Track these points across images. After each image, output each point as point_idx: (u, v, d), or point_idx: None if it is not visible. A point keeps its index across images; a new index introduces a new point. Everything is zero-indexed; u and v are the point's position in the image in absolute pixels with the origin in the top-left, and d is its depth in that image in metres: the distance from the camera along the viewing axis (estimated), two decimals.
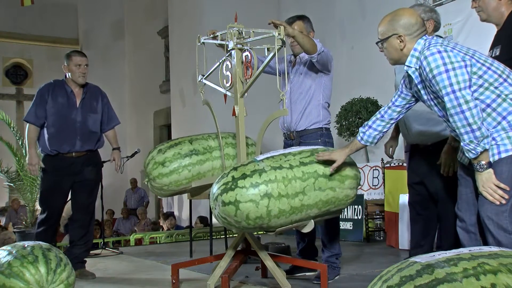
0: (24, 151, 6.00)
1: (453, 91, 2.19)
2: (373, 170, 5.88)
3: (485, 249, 1.68)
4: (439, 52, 2.26)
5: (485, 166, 2.24)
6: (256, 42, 3.06)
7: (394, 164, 5.25)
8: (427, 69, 2.27)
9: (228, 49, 3.14)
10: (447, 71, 2.22)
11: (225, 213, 2.65)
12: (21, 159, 6.17)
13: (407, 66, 2.44)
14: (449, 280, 1.47)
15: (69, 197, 4.05)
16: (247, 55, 3.03)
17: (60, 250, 2.89)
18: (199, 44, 3.42)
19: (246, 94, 3.15)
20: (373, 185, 5.87)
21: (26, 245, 2.72)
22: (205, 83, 3.41)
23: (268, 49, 2.91)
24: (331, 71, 3.53)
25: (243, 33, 3.08)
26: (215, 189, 2.72)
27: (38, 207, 5.85)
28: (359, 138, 2.73)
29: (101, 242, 5.64)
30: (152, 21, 13.11)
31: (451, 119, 2.24)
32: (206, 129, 7.40)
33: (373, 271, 3.61)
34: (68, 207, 4.08)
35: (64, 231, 7.96)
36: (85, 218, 4.00)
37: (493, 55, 2.78)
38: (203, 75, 3.42)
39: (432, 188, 3.30)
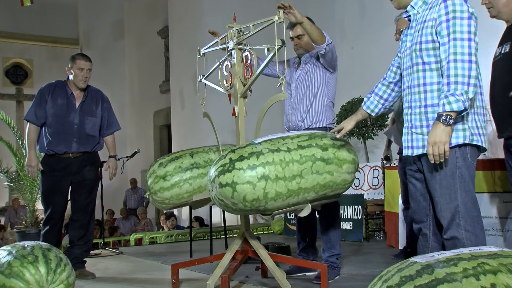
0: (24, 151, 6.00)
1: (469, 39, 2.26)
2: (373, 170, 5.87)
3: (485, 249, 1.68)
4: (466, 1, 2.32)
5: (451, 122, 2.25)
6: (256, 42, 3.06)
7: (394, 164, 5.24)
8: (450, 9, 2.30)
9: (228, 49, 3.14)
10: (469, 18, 2.29)
11: (222, 195, 2.65)
12: (21, 159, 6.16)
13: (411, 6, 2.49)
14: (449, 280, 1.47)
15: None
16: (247, 55, 3.03)
17: (60, 250, 2.89)
18: (199, 56, 3.43)
19: (250, 94, 3.14)
20: (373, 185, 5.87)
21: (26, 245, 2.72)
22: (206, 85, 3.41)
23: (268, 49, 2.91)
24: (336, 69, 3.52)
25: (242, 31, 3.08)
26: (212, 171, 2.72)
27: (38, 207, 5.86)
28: (362, 104, 2.82)
29: (101, 242, 5.64)
30: (152, 21, 13.11)
31: (451, 65, 2.25)
32: (206, 129, 7.38)
33: (373, 271, 3.60)
34: (68, 207, 4.08)
35: (64, 231, 7.95)
36: (84, 218, 3.99)
37: (503, 51, 2.77)
38: (203, 75, 3.43)
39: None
